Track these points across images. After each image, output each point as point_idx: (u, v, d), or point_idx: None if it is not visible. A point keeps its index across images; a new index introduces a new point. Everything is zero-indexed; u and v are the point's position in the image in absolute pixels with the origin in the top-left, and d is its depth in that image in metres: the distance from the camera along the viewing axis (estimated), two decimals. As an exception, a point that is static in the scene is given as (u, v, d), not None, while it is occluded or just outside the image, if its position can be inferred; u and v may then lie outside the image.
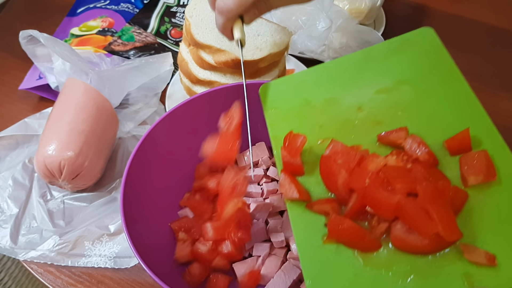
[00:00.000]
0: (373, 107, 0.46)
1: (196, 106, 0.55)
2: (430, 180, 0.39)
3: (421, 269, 0.38)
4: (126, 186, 0.48)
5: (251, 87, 0.55)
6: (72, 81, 0.62)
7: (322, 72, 0.51)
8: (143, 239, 0.47)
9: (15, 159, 0.64)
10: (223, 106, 0.54)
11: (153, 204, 0.53)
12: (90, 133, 0.57)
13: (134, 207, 0.48)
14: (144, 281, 0.55)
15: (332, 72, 0.50)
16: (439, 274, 0.37)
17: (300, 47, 0.70)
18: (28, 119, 0.67)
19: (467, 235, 0.38)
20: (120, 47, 0.79)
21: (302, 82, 0.51)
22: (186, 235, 0.54)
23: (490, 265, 0.36)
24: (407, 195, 0.39)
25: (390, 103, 0.46)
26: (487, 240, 0.38)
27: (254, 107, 0.56)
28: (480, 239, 0.38)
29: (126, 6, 0.87)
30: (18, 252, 0.55)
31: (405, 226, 0.39)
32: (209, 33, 0.61)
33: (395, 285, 0.38)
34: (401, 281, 0.38)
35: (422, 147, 0.42)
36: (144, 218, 0.50)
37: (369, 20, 0.83)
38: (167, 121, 0.54)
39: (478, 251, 0.37)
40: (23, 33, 0.65)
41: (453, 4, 0.94)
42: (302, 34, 0.70)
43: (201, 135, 0.55)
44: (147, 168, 0.52)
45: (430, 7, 0.93)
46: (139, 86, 0.67)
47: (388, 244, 0.39)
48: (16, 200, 0.59)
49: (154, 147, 0.53)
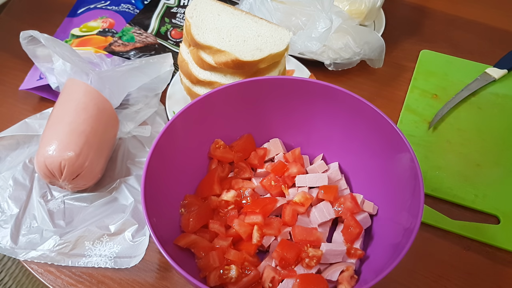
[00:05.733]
0: None
1: (212, 101, 0.56)
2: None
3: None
4: (147, 177, 0.48)
5: (263, 83, 0.55)
6: (73, 81, 0.62)
7: None
8: (159, 231, 0.47)
9: (16, 159, 0.64)
10: (239, 101, 0.56)
11: (167, 197, 0.54)
12: (90, 134, 0.58)
13: (153, 201, 0.49)
14: (144, 281, 0.55)
15: None
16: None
17: (300, 47, 0.71)
18: (29, 119, 0.67)
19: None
20: (120, 47, 0.79)
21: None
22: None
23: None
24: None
25: None
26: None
27: (269, 102, 0.56)
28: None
29: (126, 6, 0.88)
30: (18, 252, 0.55)
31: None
32: (209, 34, 0.61)
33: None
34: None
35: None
36: (160, 212, 0.51)
37: (369, 20, 0.83)
38: (185, 115, 0.54)
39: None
40: (24, 34, 0.65)
41: (453, 4, 0.94)
42: (302, 35, 0.70)
43: (216, 129, 0.56)
44: (165, 160, 0.53)
45: (430, 7, 0.93)
46: (140, 87, 0.67)
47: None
48: (17, 200, 0.59)
49: (173, 139, 0.54)
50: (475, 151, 0.68)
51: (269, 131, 0.62)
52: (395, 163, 0.53)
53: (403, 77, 0.79)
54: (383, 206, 0.55)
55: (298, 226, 0.53)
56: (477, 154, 0.67)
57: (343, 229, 0.53)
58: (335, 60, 0.74)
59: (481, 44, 0.85)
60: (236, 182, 0.58)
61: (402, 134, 0.51)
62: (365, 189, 0.57)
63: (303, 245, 0.51)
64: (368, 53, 0.75)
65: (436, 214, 0.61)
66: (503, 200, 0.62)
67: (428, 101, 0.74)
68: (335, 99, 0.56)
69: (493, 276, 0.57)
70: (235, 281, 0.49)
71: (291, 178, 0.58)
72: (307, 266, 0.50)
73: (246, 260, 0.51)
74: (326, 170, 0.59)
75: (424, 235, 0.59)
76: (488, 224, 0.60)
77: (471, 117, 0.72)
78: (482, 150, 0.68)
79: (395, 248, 0.46)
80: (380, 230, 0.54)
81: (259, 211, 0.53)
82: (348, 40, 0.74)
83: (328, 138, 0.60)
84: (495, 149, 0.68)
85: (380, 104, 0.56)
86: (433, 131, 0.70)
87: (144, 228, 0.58)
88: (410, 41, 0.85)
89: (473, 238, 0.59)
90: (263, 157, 0.60)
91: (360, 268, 0.52)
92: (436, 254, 0.58)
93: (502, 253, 0.58)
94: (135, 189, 0.61)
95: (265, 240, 0.53)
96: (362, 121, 0.55)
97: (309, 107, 0.58)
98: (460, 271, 0.57)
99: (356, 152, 0.58)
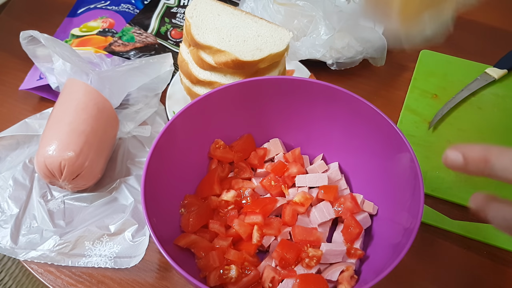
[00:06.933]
0: None
1: (213, 101, 0.56)
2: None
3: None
4: (147, 177, 0.48)
5: (263, 83, 0.55)
6: (73, 81, 0.62)
7: None
8: (159, 231, 0.47)
9: (16, 159, 0.64)
10: (239, 101, 0.57)
11: (167, 197, 0.54)
12: (90, 134, 0.58)
13: (153, 201, 0.49)
14: (144, 281, 0.55)
15: None
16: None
17: (304, 54, 0.70)
18: (29, 119, 0.67)
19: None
20: (120, 47, 0.79)
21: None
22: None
23: None
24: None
25: None
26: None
27: (269, 102, 0.56)
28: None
29: (126, 6, 0.88)
30: (18, 252, 0.55)
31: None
32: (209, 34, 0.61)
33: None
34: None
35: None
36: (160, 212, 0.51)
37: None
38: (185, 115, 0.54)
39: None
40: (24, 34, 0.65)
41: (453, 4, 0.94)
42: (305, 41, 0.70)
43: (216, 129, 0.57)
44: (165, 160, 0.53)
45: (430, 7, 0.93)
46: (140, 87, 0.67)
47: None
48: (17, 200, 0.59)
49: (173, 139, 0.54)
50: (475, 151, 0.68)
51: (269, 131, 0.62)
52: (395, 163, 0.53)
53: (403, 77, 0.79)
54: (383, 206, 0.55)
55: (298, 226, 0.53)
56: (477, 154, 0.67)
57: (343, 229, 0.53)
58: (337, 59, 0.74)
59: (481, 44, 0.85)
60: (236, 182, 0.58)
61: (402, 134, 0.50)
62: (365, 189, 0.57)
63: (303, 245, 0.51)
64: (371, 52, 0.75)
65: (436, 214, 0.61)
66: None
67: (428, 101, 0.74)
68: (335, 99, 0.56)
69: (493, 276, 0.57)
70: (235, 281, 0.49)
71: (291, 178, 0.58)
72: (307, 266, 0.50)
73: (246, 260, 0.51)
74: (326, 170, 0.59)
75: (424, 235, 0.59)
76: (488, 224, 0.60)
77: (471, 117, 0.72)
78: (482, 150, 0.68)
79: (395, 248, 0.46)
80: (380, 230, 0.54)
81: (259, 211, 0.53)
82: (350, 39, 0.74)
83: (328, 138, 0.60)
84: (495, 149, 0.68)
85: (380, 104, 0.56)
86: (433, 131, 0.70)
87: (144, 228, 0.58)
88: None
89: (473, 238, 0.59)
90: (263, 157, 0.60)
91: (360, 268, 0.52)
92: (436, 254, 0.58)
93: (502, 253, 0.58)
94: (135, 189, 0.61)
95: (265, 240, 0.53)
96: (362, 121, 0.55)
97: (309, 107, 0.58)
98: (460, 271, 0.57)
99: (356, 152, 0.58)
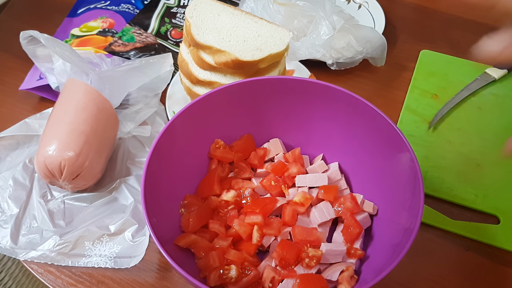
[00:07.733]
0: None
1: (212, 101, 0.56)
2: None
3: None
4: (147, 177, 0.48)
5: (263, 83, 0.55)
6: (73, 81, 0.62)
7: None
8: (159, 231, 0.47)
9: (16, 159, 0.64)
10: (239, 101, 0.57)
11: (167, 197, 0.54)
12: (90, 134, 0.58)
13: (153, 201, 0.49)
14: (144, 281, 0.55)
15: None
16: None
17: (303, 54, 0.70)
18: (29, 119, 0.67)
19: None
20: (120, 47, 0.79)
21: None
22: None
23: None
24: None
25: None
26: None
27: (269, 102, 0.56)
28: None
29: (126, 6, 0.88)
30: (18, 252, 0.55)
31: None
32: (209, 34, 0.61)
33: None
34: None
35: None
36: (160, 212, 0.51)
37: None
38: (185, 115, 0.54)
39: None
40: (24, 34, 0.65)
41: (453, 4, 0.94)
42: (305, 41, 0.70)
43: (216, 129, 0.57)
44: (165, 160, 0.53)
45: (430, 7, 0.93)
46: (140, 87, 0.67)
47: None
48: (17, 200, 0.59)
49: (173, 139, 0.54)
50: (475, 151, 0.68)
51: (269, 131, 0.62)
52: (395, 163, 0.53)
53: (403, 77, 0.79)
54: (383, 206, 0.55)
55: (298, 226, 0.53)
56: (477, 154, 0.67)
57: (343, 229, 0.53)
58: (337, 59, 0.74)
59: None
60: (236, 182, 0.58)
61: (402, 134, 0.50)
62: (365, 189, 0.57)
63: (303, 245, 0.51)
64: (371, 52, 0.75)
65: (436, 214, 0.61)
66: (503, 200, 0.62)
67: (428, 101, 0.74)
68: (335, 99, 0.56)
69: (493, 276, 0.57)
70: (235, 281, 0.49)
71: (291, 178, 0.58)
72: (307, 266, 0.50)
73: (246, 260, 0.51)
74: (326, 170, 0.59)
75: (424, 235, 0.59)
76: (488, 224, 0.60)
77: (471, 117, 0.72)
78: (482, 150, 0.68)
79: (395, 248, 0.46)
80: (380, 230, 0.54)
81: (259, 211, 0.53)
82: (350, 39, 0.74)
83: (328, 138, 0.60)
84: (495, 149, 0.68)
85: (380, 104, 0.56)
86: (433, 131, 0.70)
87: (144, 228, 0.58)
88: (410, 41, 0.85)
89: (473, 238, 0.59)
90: (263, 157, 0.60)
91: (360, 268, 0.52)
92: (436, 254, 0.58)
93: (502, 253, 0.58)
94: (135, 189, 0.61)
95: (265, 240, 0.53)
96: (362, 121, 0.55)
97: (309, 107, 0.58)
98: (460, 271, 0.57)
99: (356, 152, 0.58)
